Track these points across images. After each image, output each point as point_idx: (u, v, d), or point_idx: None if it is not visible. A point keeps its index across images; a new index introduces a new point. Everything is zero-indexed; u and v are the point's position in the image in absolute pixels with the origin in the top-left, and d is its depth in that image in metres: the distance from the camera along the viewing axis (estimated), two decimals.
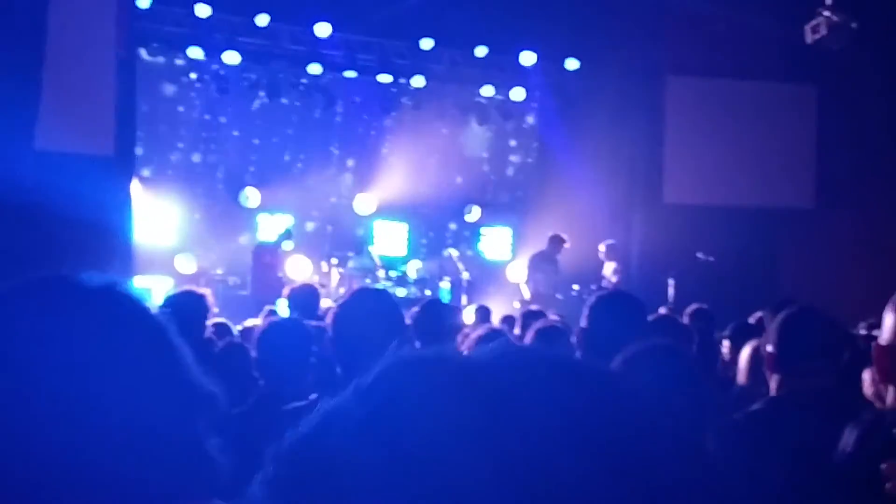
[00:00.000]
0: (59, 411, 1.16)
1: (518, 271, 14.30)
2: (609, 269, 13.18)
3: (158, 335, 1.29)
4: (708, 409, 2.58)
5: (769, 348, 3.16)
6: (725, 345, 5.52)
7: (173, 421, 1.23)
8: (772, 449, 2.79)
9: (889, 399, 1.74)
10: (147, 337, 1.28)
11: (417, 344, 5.04)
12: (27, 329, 1.21)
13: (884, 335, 1.78)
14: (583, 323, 3.53)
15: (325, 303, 11.42)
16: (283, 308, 8.17)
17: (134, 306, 1.30)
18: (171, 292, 7.49)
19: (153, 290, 11.43)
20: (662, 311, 9.62)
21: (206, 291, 6.04)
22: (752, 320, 6.17)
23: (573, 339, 3.97)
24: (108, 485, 1.16)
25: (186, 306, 5.21)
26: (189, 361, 1.30)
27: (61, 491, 1.14)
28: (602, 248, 13.23)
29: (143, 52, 13.32)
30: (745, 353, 4.15)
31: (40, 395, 1.16)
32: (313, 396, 3.29)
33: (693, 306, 6.61)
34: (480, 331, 4.32)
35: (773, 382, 3.11)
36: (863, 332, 5.93)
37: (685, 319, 6.25)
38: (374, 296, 3.60)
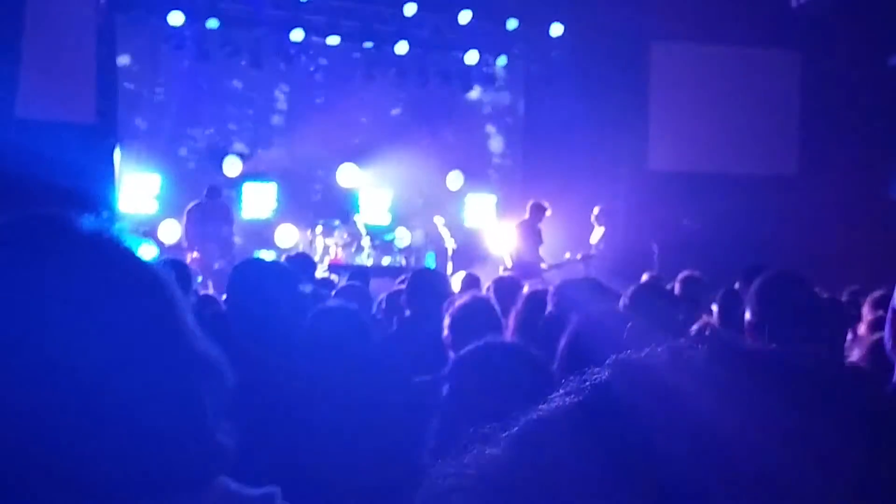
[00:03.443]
0: (43, 369, 1.02)
1: (502, 239, 14.30)
2: (597, 235, 13.18)
3: (157, 289, 1.15)
4: None
5: (748, 316, 3.15)
6: (714, 311, 5.55)
7: (173, 389, 1.09)
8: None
9: None
10: (144, 290, 1.13)
11: (407, 312, 5.05)
12: (11, 272, 1.07)
13: None
14: (550, 308, 3.56)
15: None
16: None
17: (130, 255, 1.16)
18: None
19: None
20: (645, 277, 9.67)
21: (194, 255, 5.97)
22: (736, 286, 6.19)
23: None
24: (100, 455, 1.03)
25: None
26: (191, 325, 1.16)
27: (47, 460, 1.01)
28: (595, 210, 13.16)
29: (123, 19, 13.17)
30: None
31: (24, 349, 1.03)
32: None
33: (684, 273, 6.61)
34: (465, 298, 4.30)
35: None
36: (845, 298, 5.99)
37: (676, 286, 6.26)
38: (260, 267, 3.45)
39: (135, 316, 1.09)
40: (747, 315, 3.12)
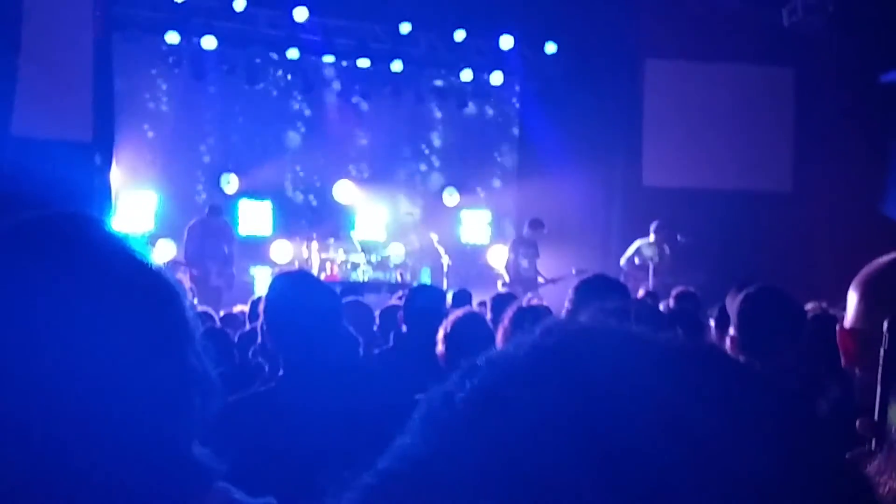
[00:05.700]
0: (37, 376, 0.97)
1: (498, 255, 14.33)
2: (651, 251, 12.91)
3: (167, 302, 1.08)
4: None
5: (731, 331, 3.18)
6: (711, 326, 5.56)
7: (165, 406, 1.03)
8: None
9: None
10: (153, 302, 1.06)
11: (404, 328, 5.07)
12: (15, 272, 1.01)
13: (847, 318, 1.78)
14: (567, 306, 3.56)
15: None
16: None
17: (146, 267, 1.09)
18: None
19: None
20: (641, 293, 9.70)
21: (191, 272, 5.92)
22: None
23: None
24: (91, 467, 0.98)
25: None
26: (195, 341, 1.10)
27: (33, 469, 0.96)
28: (652, 227, 13.02)
29: (119, 37, 13.21)
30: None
31: (16, 355, 0.97)
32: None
33: (678, 288, 6.64)
34: (458, 312, 4.33)
35: None
36: (841, 315, 5.98)
37: (671, 302, 6.28)
38: (301, 280, 3.46)
39: (137, 327, 1.03)
40: (731, 330, 3.15)
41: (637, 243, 12.95)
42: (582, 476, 0.52)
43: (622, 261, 13.00)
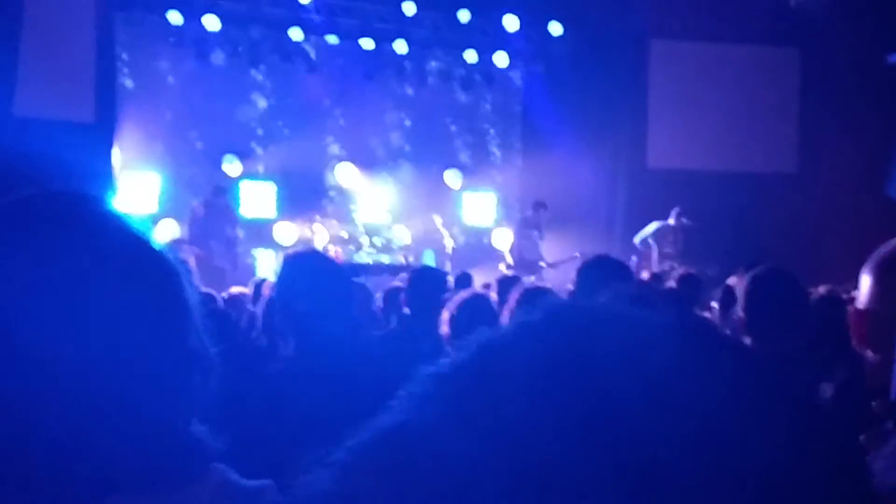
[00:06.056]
0: (32, 353, 0.97)
1: (502, 237, 14.31)
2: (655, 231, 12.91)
3: (165, 279, 1.07)
4: None
5: (739, 312, 3.19)
6: (714, 308, 5.55)
7: (164, 384, 1.03)
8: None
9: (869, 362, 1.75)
10: (151, 279, 1.06)
11: (407, 310, 5.05)
12: (13, 250, 1.01)
13: (860, 299, 1.78)
14: (570, 287, 3.56)
15: None
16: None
17: (144, 243, 1.08)
18: None
19: None
20: (645, 275, 9.68)
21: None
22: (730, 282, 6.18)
23: None
24: (88, 446, 0.98)
25: None
26: (196, 319, 1.09)
27: (27, 449, 0.96)
28: (674, 212, 12.94)
29: (121, 17, 13.15)
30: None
31: (14, 334, 0.97)
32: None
33: (680, 271, 6.63)
34: (464, 294, 4.31)
35: None
36: (845, 296, 5.98)
37: (672, 284, 6.26)
38: (313, 260, 3.42)
39: (138, 306, 1.03)
40: (738, 311, 3.15)
41: (654, 225, 12.91)
42: (564, 448, 0.52)
43: (636, 238, 12.97)
